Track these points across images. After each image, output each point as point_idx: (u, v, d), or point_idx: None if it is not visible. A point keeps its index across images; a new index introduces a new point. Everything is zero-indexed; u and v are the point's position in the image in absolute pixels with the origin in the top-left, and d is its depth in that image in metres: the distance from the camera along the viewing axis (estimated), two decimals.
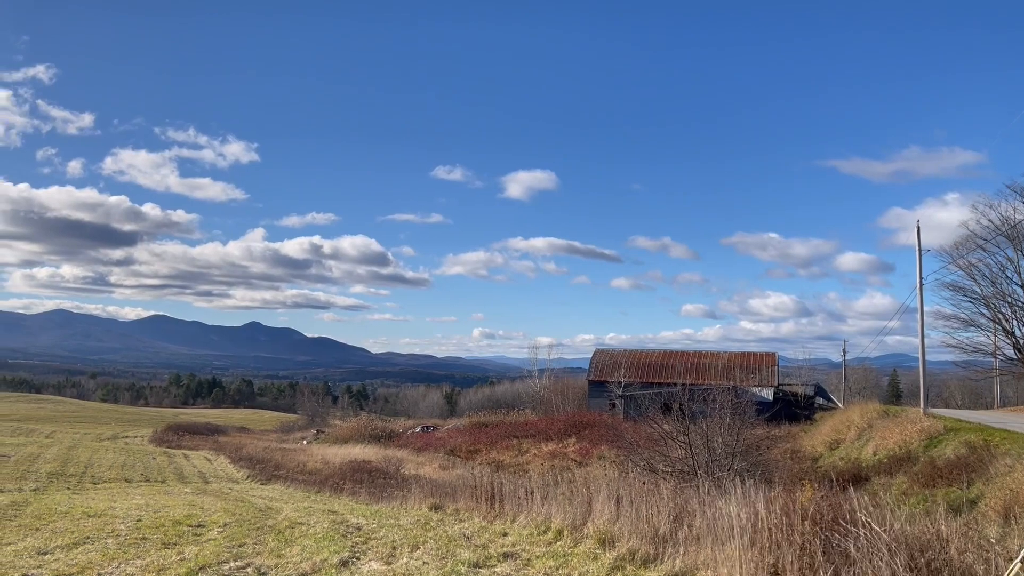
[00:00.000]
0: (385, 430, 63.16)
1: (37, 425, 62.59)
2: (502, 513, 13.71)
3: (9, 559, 10.21)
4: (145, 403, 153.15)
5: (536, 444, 47.80)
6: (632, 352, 70.17)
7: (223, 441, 56.29)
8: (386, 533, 11.98)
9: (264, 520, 14.35)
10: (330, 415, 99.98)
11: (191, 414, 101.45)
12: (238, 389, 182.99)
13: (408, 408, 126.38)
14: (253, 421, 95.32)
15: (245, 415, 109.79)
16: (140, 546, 11.26)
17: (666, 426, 23.99)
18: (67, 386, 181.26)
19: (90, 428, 65.85)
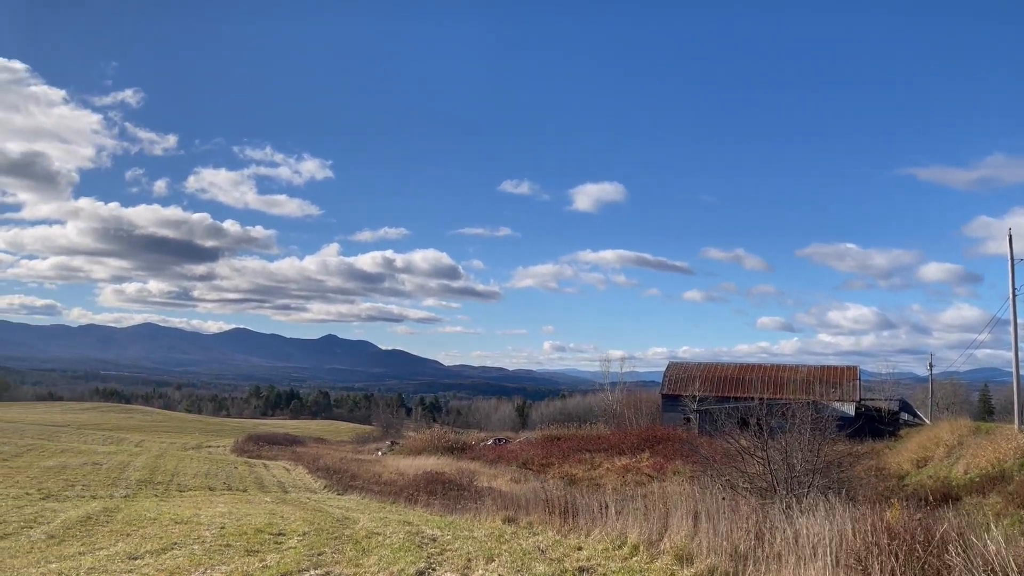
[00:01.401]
0: (458, 442, 63.54)
1: (127, 434, 65.23)
2: (576, 527, 13.63)
3: (102, 563, 10.64)
4: (227, 414, 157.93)
5: (609, 458, 47.36)
6: (706, 365, 68.97)
7: (301, 452, 57.54)
8: (461, 545, 12.04)
9: (342, 530, 14.60)
10: (404, 427, 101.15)
11: (270, 425, 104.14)
12: (315, 401, 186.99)
13: (480, 421, 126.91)
14: (330, 432, 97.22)
15: (322, 426, 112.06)
16: (224, 552, 11.60)
17: (743, 441, 23.45)
18: (154, 397, 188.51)
19: (176, 438, 68.27)
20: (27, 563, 10.89)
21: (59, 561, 10.95)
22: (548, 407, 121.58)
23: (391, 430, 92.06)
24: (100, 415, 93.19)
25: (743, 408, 35.66)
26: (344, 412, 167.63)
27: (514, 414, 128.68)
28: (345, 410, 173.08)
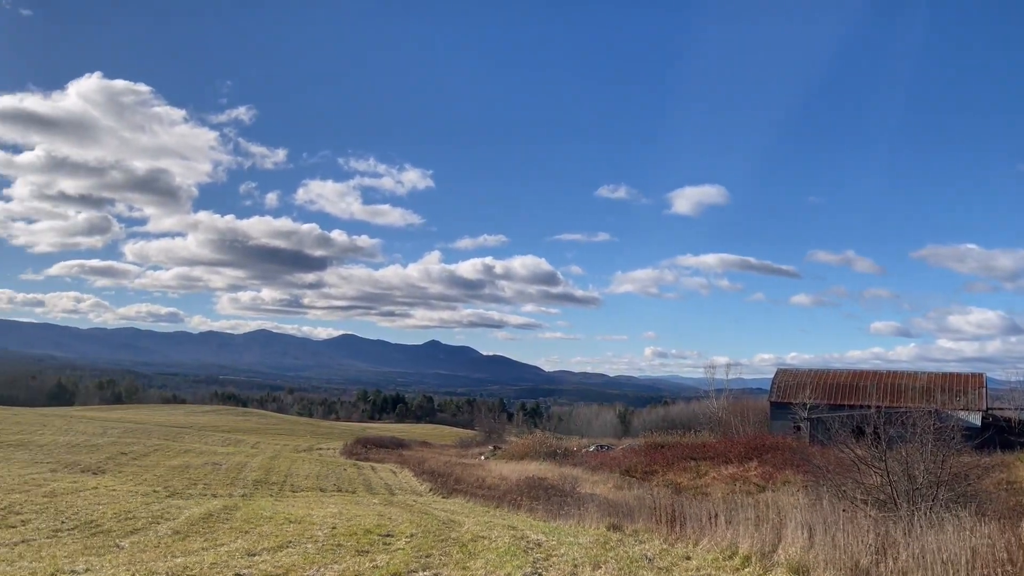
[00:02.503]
0: (560, 448, 63.46)
1: (244, 436, 68.23)
2: (683, 536, 13.32)
3: (223, 559, 11.12)
4: (336, 417, 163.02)
5: (715, 466, 46.24)
6: (817, 372, 66.44)
7: (407, 455, 58.72)
8: (566, 551, 11.96)
9: (448, 532, 14.77)
10: (505, 432, 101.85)
11: (377, 428, 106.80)
12: (420, 405, 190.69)
13: (581, 427, 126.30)
14: (434, 436, 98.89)
15: (426, 430, 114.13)
16: (336, 552, 11.92)
17: (859, 451, 22.44)
18: (268, 400, 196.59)
19: (289, 440, 70.93)
20: (154, 557, 11.50)
21: (184, 556, 11.51)
22: (650, 414, 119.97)
23: (493, 435, 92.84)
24: (219, 417, 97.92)
25: (858, 416, 34.15)
26: (447, 416, 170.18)
27: (615, 421, 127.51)
28: (448, 414, 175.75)
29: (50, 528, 15.81)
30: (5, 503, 18.94)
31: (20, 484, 23.23)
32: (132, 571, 9.59)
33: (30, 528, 15.79)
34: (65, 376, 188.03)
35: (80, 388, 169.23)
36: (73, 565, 10.21)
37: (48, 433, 44.84)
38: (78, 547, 12.87)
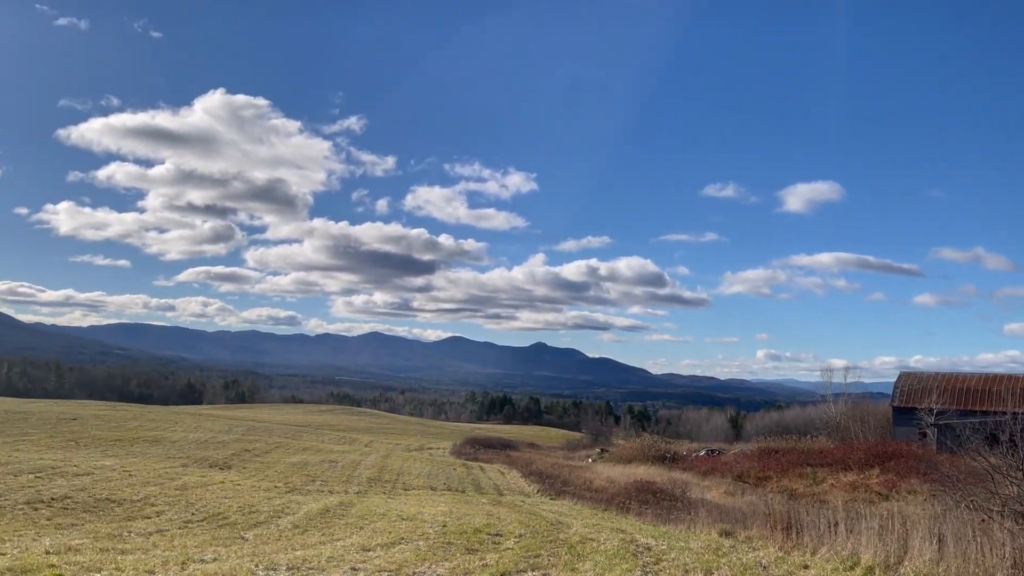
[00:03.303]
0: (668, 452, 62.40)
1: (358, 435, 70.39)
2: (800, 544, 12.85)
3: (340, 553, 11.50)
4: (446, 417, 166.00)
5: (833, 473, 44.38)
6: (944, 376, 62.74)
7: (514, 456, 59.10)
8: (677, 556, 11.74)
9: (556, 533, 14.77)
10: (613, 434, 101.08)
11: (485, 429, 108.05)
12: (526, 407, 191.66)
13: (691, 431, 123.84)
14: (541, 438, 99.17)
15: (534, 431, 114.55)
16: (447, 550, 12.12)
17: (993, 459, 21.00)
18: (381, 400, 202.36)
19: (400, 439, 72.68)
20: (276, 549, 12.02)
21: (303, 549, 11.98)
22: (763, 418, 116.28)
23: (600, 437, 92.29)
24: (334, 417, 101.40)
25: (992, 423, 32.01)
26: (554, 418, 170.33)
27: (727, 425, 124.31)
28: (555, 416, 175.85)
29: (181, 519, 16.79)
30: (141, 495, 20.23)
31: (155, 477, 24.76)
32: (256, 562, 10.04)
33: (164, 519, 16.82)
34: (194, 376, 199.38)
35: (207, 388, 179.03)
36: (202, 554, 10.79)
37: (179, 430, 47.58)
38: (207, 538, 13.61)
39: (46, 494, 18.79)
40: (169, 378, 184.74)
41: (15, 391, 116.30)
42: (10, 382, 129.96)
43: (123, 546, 11.77)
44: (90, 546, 11.33)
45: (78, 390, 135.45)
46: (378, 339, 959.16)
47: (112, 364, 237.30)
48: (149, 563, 9.48)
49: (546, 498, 32.38)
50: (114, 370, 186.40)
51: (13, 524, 14.77)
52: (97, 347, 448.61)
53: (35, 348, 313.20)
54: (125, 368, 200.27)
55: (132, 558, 9.89)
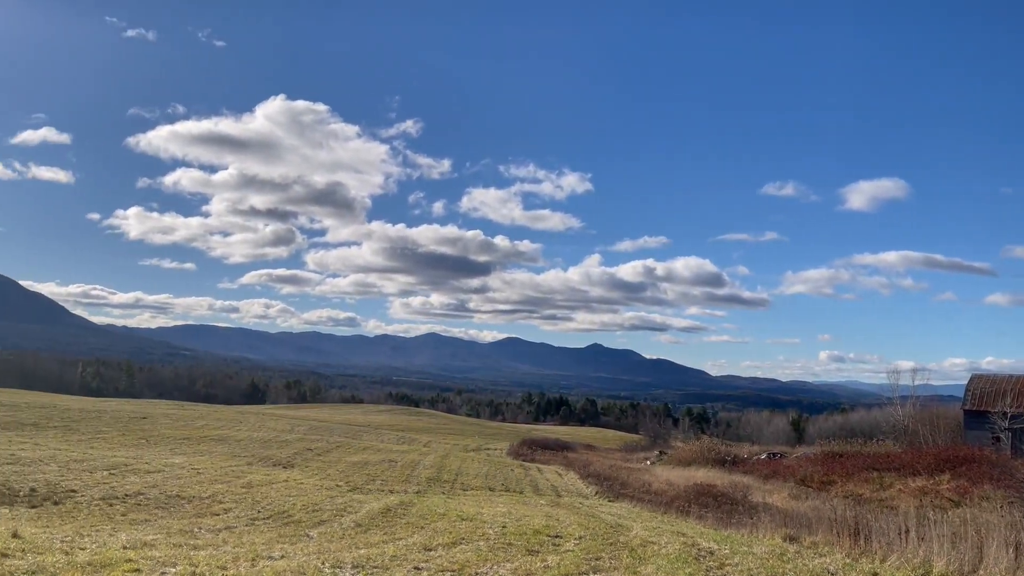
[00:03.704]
0: (728, 455, 61.47)
1: (416, 435, 71.11)
2: (868, 550, 12.53)
3: (402, 552, 11.65)
4: (502, 418, 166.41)
5: (901, 479, 43.11)
6: (1019, 378, 60.37)
7: (571, 457, 58.96)
8: (740, 560, 11.58)
9: (616, 536, 14.70)
10: (671, 437, 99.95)
11: (541, 430, 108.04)
12: (583, 408, 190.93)
13: (751, 433, 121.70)
14: (598, 439, 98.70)
15: (591, 433, 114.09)
16: (507, 551, 12.17)
17: None
18: (438, 401, 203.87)
19: (458, 439, 73.19)
20: (341, 547, 12.24)
21: (366, 548, 12.17)
22: (827, 421, 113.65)
23: (658, 440, 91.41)
24: (393, 417, 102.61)
25: None
26: (611, 420, 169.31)
27: (788, 428, 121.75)
28: (612, 418, 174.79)
29: (248, 516, 17.22)
30: (209, 492, 20.79)
31: (222, 475, 25.42)
32: (322, 560, 10.24)
33: (231, 516, 17.26)
34: (257, 376, 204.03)
35: (270, 388, 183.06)
36: (270, 551, 11.05)
37: (244, 429, 48.75)
38: (273, 535, 13.93)
39: (120, 490, 19.46)
40: (233, 378, 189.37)
41: (89, 390, 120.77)
42: (84, 382, 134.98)
43: (195, 542, 12.13)
44: (164, 542, 11.71)
45: (147, 389, 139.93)
46: (435, 340, 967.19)
47: (179, 364, 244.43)
48: (221, 559, 9.75)
49: (604, 500, 32.22)
50: (181, 370, 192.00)
51: (90, 519, 15.34)
52: (165, 348, 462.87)
53: (107, 349, 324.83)
54: (192, 368, 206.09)
55: (204, 554, 10.19)
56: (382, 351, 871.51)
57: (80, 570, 8.24)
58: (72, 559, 8.82)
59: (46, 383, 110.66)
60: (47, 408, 47.30)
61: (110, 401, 71.28)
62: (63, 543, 10.36)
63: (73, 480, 20.20)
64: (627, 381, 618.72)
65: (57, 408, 48.00)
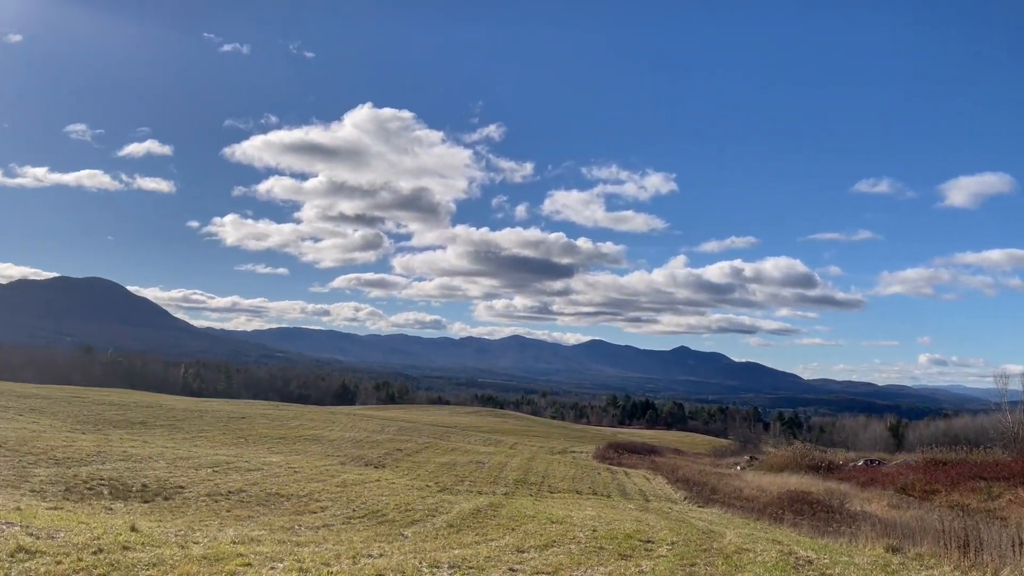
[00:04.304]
0: (823, 461, 59.58)
1: (503, 437, 71.56)
2: (979, 563, 11.98)
3: (495, 553, 11.78)
4: (587, 421, 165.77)
5: (1011, 488, 40.94)
6: None
7: (659, 461, 58.26)
8: (841, 571, 11.26)
9: (709, 542, 14.48)
10: (761, 442, 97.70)
11: (627, 434, 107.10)
12: (670, 411, 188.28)
13: (846, 439, 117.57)
14: (685, 443, 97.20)
15: (678, 437, 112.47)
16: (599, 555, 12.16)
17: None
18: (523, 403, 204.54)
19: (543, 442, 73.30)
20: (435, 547, 12.48)
21: (460, 548, 12.37)
22: (928, 427, 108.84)
23: (749, 445, 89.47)
24: (479, 418, 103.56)
25: None
26: (699, 424, 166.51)
27: (886, 434, 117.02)
28: (700, 422, 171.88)
29: (344, 515, 17.72)
30: (307, 491, 21.49)
31: (317, 474, 26.22)
32: (419, 559, 10.47)
33: (328, 514, 17.80)
34: (347, 378, 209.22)
35: (360, 389, 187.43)
36: (368, 550, 11.37)
37: (336, 429, 50.10)
38: (370, 534, 14.31)
39: (223, 487, 20.32)
40: (325, 379, 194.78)
41: (191, 391, 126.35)
42: (186, 382, 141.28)
43: (297, 539, 12.57)
44: (268, 538, 12.19)
45: (244, 390, 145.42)
46: (519, 342, 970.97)
47: (274, 366, 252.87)
48: (324, 556, 10.09)
49: (694, 506, 31.74)
50: (275, 371, 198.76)
51: (198, 514, 16.09)
52: (260, 350, 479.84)
53: (207, 351, 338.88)
54: (286, 370, 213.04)
55: (308, 551, 10.57)
56: (467, 353, 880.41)
57: (196, 563, 8.68)
58: (188, 553, 9.30)
59: (151, 384, 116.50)
60: (153, 408, 49.76)
61: (211, 401, 74.38)
62: (177, 537, 10.92)
63: (180, 477, 21.21)
64: (715, 384, 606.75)
65: (163, 408, 50.44)
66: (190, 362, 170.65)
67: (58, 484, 17.60)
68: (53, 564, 7.92)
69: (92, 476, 19.20)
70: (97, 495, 17.08)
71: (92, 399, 51.88)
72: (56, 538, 9.33)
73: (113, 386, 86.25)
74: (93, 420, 38.62)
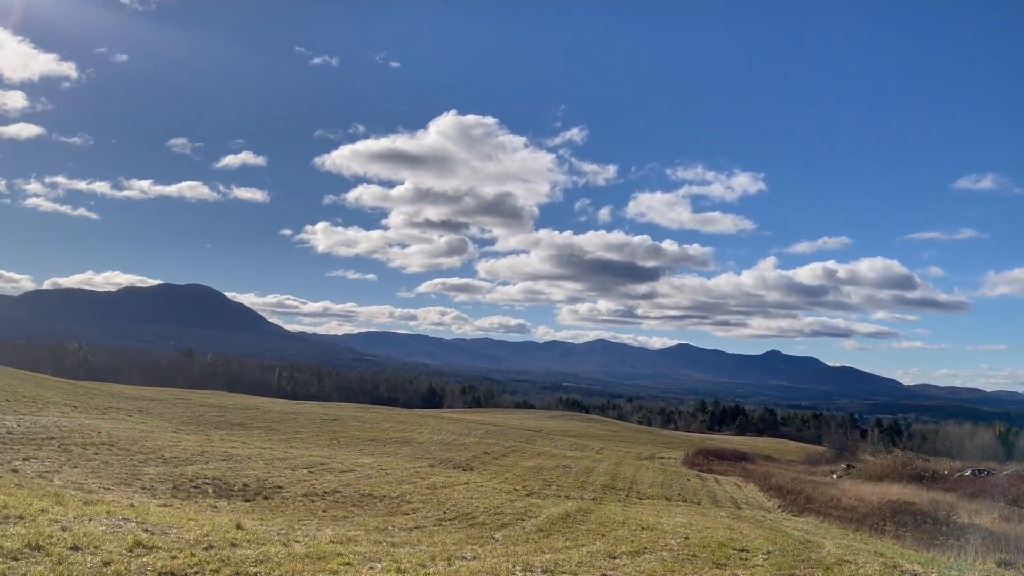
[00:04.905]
0: (926, 470, 56.98)
1: (589, 441, 71.24)
2: None
3: (587, 559, 11.76)
4: (675, 427, 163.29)
5: None
6: None
7: (750, 469, 56.90)
8: None
9: (807, 553, 14.07)
10: (858, 449, 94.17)
11: (716, 440, 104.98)
12: (760, 417, 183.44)
13: (951, 447, 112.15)
14: (778, 451, 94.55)
15: (769, 444, 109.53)
16: (692, 562, 11.98)
17: None
18: (608, 407, 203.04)
19: (630, 447, 72.60)
20: (527, 551, 12.53)
21: (552, 553, 12.39)
22: None
23: (844, 452, 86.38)
24: (564, 423, 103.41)
25: None
26: (791, 431, 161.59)
27: (995, 442, 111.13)
28: (792, 429, 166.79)
29: (436, 517, 18.00)
30: (398, 492, 21.91)
31: (407, 476, 26.70)
32: (512, 562, 10.55)
33: (420, 516, 18.12)
34: (434, 381, 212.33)
35: (446, 392, 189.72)
36: (462, 552, 11.52)
37: (424, 432, 50.89)
38: (461, 536, 14.49)
39: (319, 488, 20.93)
40: (412, 382, 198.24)
41: (285, 393, 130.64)
42: (281, 385, 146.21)
43: (391, 539, 12.85)
44: (364, 538, 12.50)
45: (336, 393, 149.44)
46: (604, 346, 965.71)
47: (363, 369, 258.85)
48: (419, 557, 10.29)
49: (788, 514, 30.88)
50: (365, 374, 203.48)
51: (296, 513, 16.63)
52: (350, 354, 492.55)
53: (300, 354, 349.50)
54: (375, 373, 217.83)
55: (403, 551, 10.80)
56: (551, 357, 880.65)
57: (300, 561, 8.99)
58: (291, 551, 9.63)
59: (248, 386, 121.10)
60: (251, 410, 51.67)
61: (304, 404, 76.66)
62: (279, 535, 11.32)
63: (278, 477, 21.96)
64: (807, 390, 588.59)
65: (259, 410, 52.31)
66: (284, 365, 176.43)
67: (166, 482, 18.49)
68: (168, 559, 8.34)
69: (197, 475, 20.09)
70: (202, 493, 17.86)
71: (195, 401, 54.27)
72: (169, 534, 9.82)
73: (213, 388, 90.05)
74: (196, 421, 40.36)
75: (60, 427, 26.32)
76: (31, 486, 14.14)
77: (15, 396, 36.35)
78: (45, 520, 9.42)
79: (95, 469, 18.94)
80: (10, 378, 46.04)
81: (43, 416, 29.93)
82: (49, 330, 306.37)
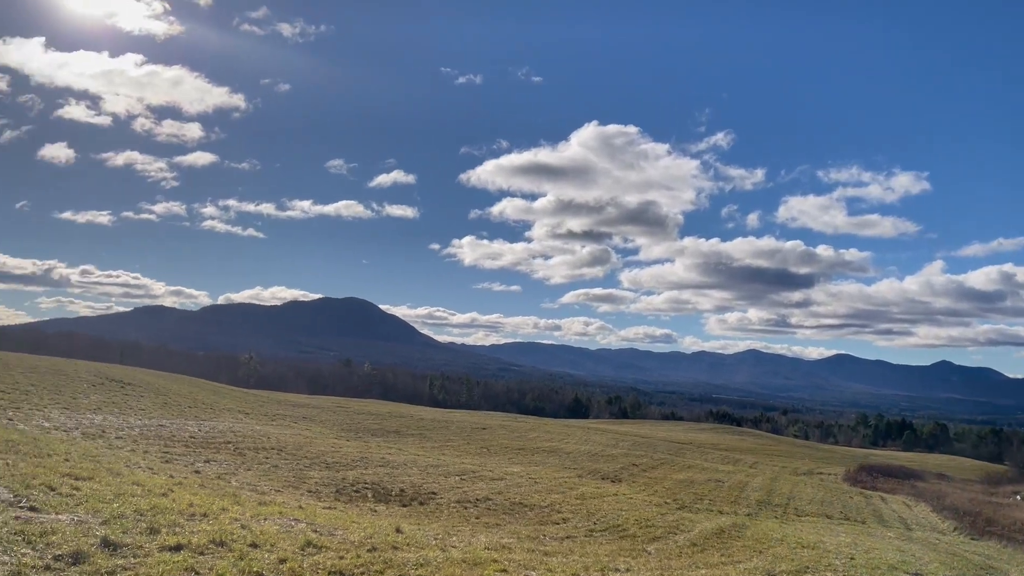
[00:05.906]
0: None
1: (741, 455, 68.87)
2: None
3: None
4: (834, 441, 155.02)
5: None
6: None
7: (921, 487, 53.10)
8: None
9: None
10: None
11: (881, 456, 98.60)
12: (930, 432, 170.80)
13: None
14: (951, 468, 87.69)
15: (942, 461, 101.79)
16: None
17: None
18: (761, 420, 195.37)
19: (786, 462, 69.56)
20: (681, 566, 12.31)
21: (706, 568, 12.10)
22: None
23: None
24: (715, 435, 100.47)
25: None
26: (967, 447, 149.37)
27: None
28: (967, 445, 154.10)
29: (586, 528, 17.99)
30: (547, 501, 22.07)
31: (556, 486, 26.84)
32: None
33: (570, 526, 18.17)
34: (580, 391, 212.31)
35: (592, 402, 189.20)
36: (615, 564, 11.47)
37: (571, 442, 50.97)
38: (612, 548, 14.41)
39: (471, 495, 21.43)
40: (558, 393, 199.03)
41: (436, 402, 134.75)
42: (432, 394, 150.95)
43: (544, 548, 12.98)
44: (517, 546, 12.69)
45: (484, 402, 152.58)
46: (755, 357, 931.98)
47: (510, 379, 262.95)
48: (572, 567, 10.35)
49: (965, 537, 28.58)
50: (512, 384, 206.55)
51: (450, 520, 17.12)
52: (497, 364, 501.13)
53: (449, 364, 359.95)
54: (521, 383, 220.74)
55: (556, 560, 10.89)
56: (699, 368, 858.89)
57: (457, 566, 9.27)
58: (448, 556, 9.95)
59: (402, 394, 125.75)
60: (404, 417, 53.62)
61: (455, 412, 78.73)
62: (436, 540, 11.70)
63: (432, 483, 22.68)
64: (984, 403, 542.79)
65: (412, 418, 54.19)
66: (435, 375, 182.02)
67: (330, 486, 19.52)
68: (336, 559, 8.83)
69: (357, 480, 21.08)
70: (363, 497, 18.72)
71: (353, 409, 56.94)
72: (335, 535, 10.38)
73: (370, 396, 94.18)
74: (354, 428, 42.35)
75: (235, 432, 28.38)
76: (212, 487, 15.33)
77: (196, 403, 39.51)
78: (226, 518, 10.21)
79: (266, 472, 20.27)
80: (191, 386, 50.07)
81: (219, 422, 32.37)
82: (223, 342, 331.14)
